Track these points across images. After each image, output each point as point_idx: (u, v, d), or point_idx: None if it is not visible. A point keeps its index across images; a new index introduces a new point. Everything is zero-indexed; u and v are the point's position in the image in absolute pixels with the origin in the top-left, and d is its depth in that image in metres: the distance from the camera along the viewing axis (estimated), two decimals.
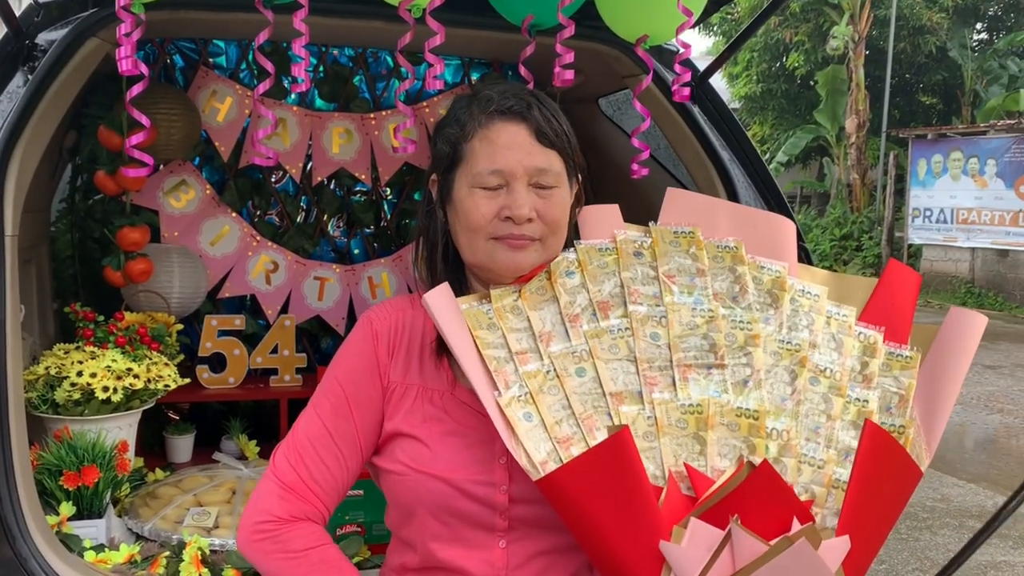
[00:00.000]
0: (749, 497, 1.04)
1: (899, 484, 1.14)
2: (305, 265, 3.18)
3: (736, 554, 1.00)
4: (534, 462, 1.07)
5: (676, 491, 1.07)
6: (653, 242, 1.28)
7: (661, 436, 1.11)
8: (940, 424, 1.18)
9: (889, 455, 1.12)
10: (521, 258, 1.19)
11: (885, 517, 1.12)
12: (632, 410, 1.12)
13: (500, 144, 1.16)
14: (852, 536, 1.06)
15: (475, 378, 1.12)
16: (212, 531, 2.14)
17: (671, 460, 1.10)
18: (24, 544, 1.74)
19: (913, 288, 1.30)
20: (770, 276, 1.26)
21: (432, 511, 1.18)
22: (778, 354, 1.19)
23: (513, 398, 1.11)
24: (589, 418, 1.11)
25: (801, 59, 17.30)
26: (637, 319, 1.19)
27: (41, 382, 2.10)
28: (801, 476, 1.12)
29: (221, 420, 2.92)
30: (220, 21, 2.44)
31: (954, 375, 1.20)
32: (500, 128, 1.17)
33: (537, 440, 1.08)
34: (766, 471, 1.06)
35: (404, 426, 1.21)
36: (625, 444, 1.06)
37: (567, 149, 1.20)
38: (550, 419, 1.10)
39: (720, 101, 2.47)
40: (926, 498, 5.30)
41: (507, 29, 2.06)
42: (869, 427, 1.13)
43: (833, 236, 16.19)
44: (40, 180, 2.62)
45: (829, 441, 1.15)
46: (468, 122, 1.19)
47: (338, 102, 3.20)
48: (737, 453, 1.11)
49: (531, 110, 1.17)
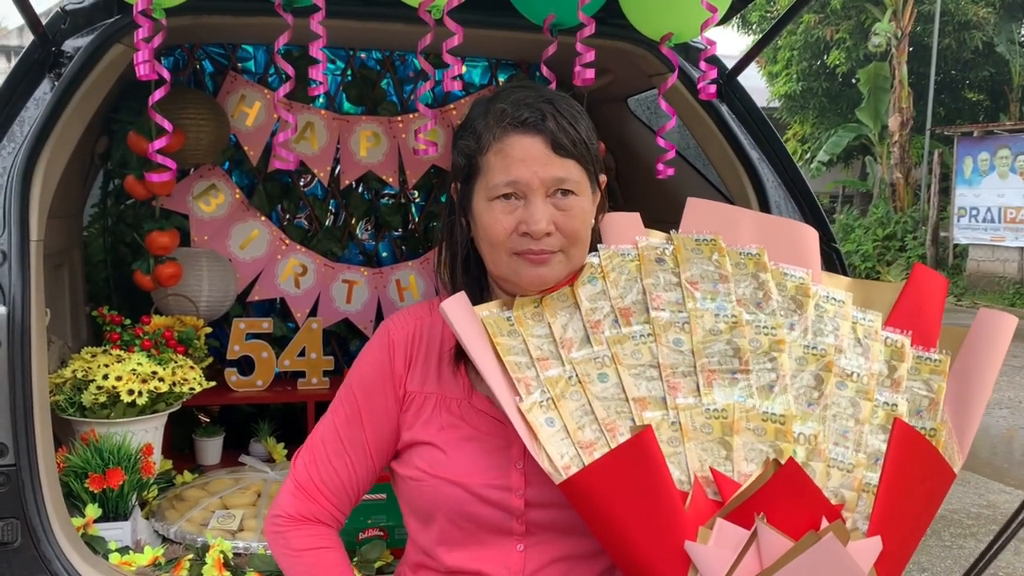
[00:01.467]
0: (775, 496, 1.03)
1: (931, 485, 1.11)
2: (333, 268, 3.19)
3: (763, 552, 0.99)
4: (556, 466, 1.06)
5: (702, 495, 1.06)
6: (675, 249, 1.27)
7: (686, 441, 1.09)
8: (972, 426, 1.15)
9: (920, 455, 1.10)
10: (545, 272, 1.17)
11: (918, 519, 1.10)
12: (656, 415, 1.11)
13: (515, 157, 1.14)
14: (884, 537, 1.04)
15: (495, 384, 1.12)
16: (237, 534, 2.15)
17: (697, 465, 1.09)
18: (48, 545, 1.76)
19: (940, 291, 1.29)
20: (794, 282, 1.25)
21: (449, 516, 1.18)
22: (803, 359, 1.18)
23: (535, 403, 1.11)
24: (612, 423, 1.10)
25: (842, 57, 17.02)
26: (660, 325, 1.18)
27: (68, 385, 2.13)
28: (830, 480, 1.10)
29: (250, 423, 2.94)
30: (244, 25, 2.45)
31: (985, 377, 1.18)
32: (514, 141, 1.14)
33: (559, 445, 1.08)
34: (792, 469, 1.04)
35: (422, 434, 1.22)
36: (648, 444, 1.05)
37: (586, 156, 1.17)
38: (572, 424, 1.10)
39: (749, 99, 2.42)
40: (971, 504, 5.16)
41: (533, 29, 2.04)
42: (899, 427, 1.11)
43: (876, 236, 15.90)
44: (71, 185, 2.67)
45: (858, 445, 1.13)
46: (483, 134, 1.17)
47: (366, 105, 3.20)
48: (764, 458, 1.09)
49: (545, 121, 1.14)
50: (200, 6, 2.05)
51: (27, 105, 1.96)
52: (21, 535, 1.74)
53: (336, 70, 3.23)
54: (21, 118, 1.94)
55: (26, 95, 1.97)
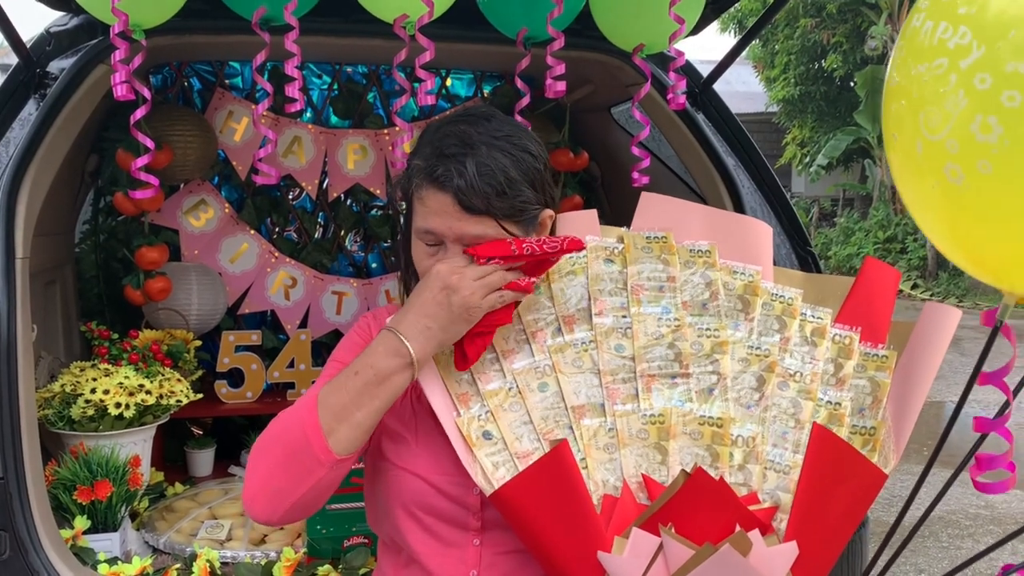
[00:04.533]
0: (690, 505, 1.05)
1: (852, 487, 1.12)
2: (323, 280, 3.22)
3: (669, 561, 1.01)
4: (489, 479, 1.09)
5: (630, 501, 1.08)
6: (625, 248, 1.28)
7: (622, 448, 1.11)
8: (909, 423, 1.16)
9: (839, 458, 1.11)
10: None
11: (840, 522, 1.11)
12: (594, 423, 1.13)
13: (431, 209, 1.14)
14: (802, 542, 1.05)
15: (435, 399, 1.14)
16: (225, 543, 2.18)
17: (632, 471, 1.11)
18: (36, 556, 1.79)
19: (892, 285, 1.28)
20: (742, 281, 1.25)
21: (407, 507, 1.21)
22: (746, 360, 1.19)
23: (473, 418, 1.13)
24: (550, 432, 1.12)
25: (839, 60, 17.04)
26: (602, 332, 1.19)
27: (58, 399, 2.16)
28: (766, 483, 1.12)
29: (242, 434, 2.98)
30: (227, 44, 2.49)
31: (926, 371, 1.17)
32: (429, 194, 1.13)
33: (495, 457, 1.10)
34: (700, 478, 1.06)
35: (390, 422, 1.25)
36: (564, 457, 1.07)
37: (504, 208, 1.12)
38: (510, 436, 1.12)
39: (724, 107, 2.45)
40: (969, 505, 5.16)
41: (514, 42, 2.08)
42: (816, 430, 1.13)
43: (876, 239, 15.89)
44: (62, 203, 2.71)
45: (797, 446, 1.14)
46: (414, 176, 1.17)
47: (352, 119, 3.25)
48: (699, 462, 1.10)
49: (455, 179, 1.10)
50: (181, 26, 2.09)
51: (12, 126, 2.01)
52: (9, 547, 1.77)
53: (323, 84, 3.27)
54: (7, 139, 1.98)
55: (11, 116, 2.02)
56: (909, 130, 1.07)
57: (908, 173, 1.13)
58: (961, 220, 1.08)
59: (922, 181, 1.09)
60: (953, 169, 1.02)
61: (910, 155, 1.09)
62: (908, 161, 1.11)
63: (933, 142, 1.04)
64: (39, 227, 2.08)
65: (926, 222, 1.17)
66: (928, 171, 1.06)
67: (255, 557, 2.09)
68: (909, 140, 1.08)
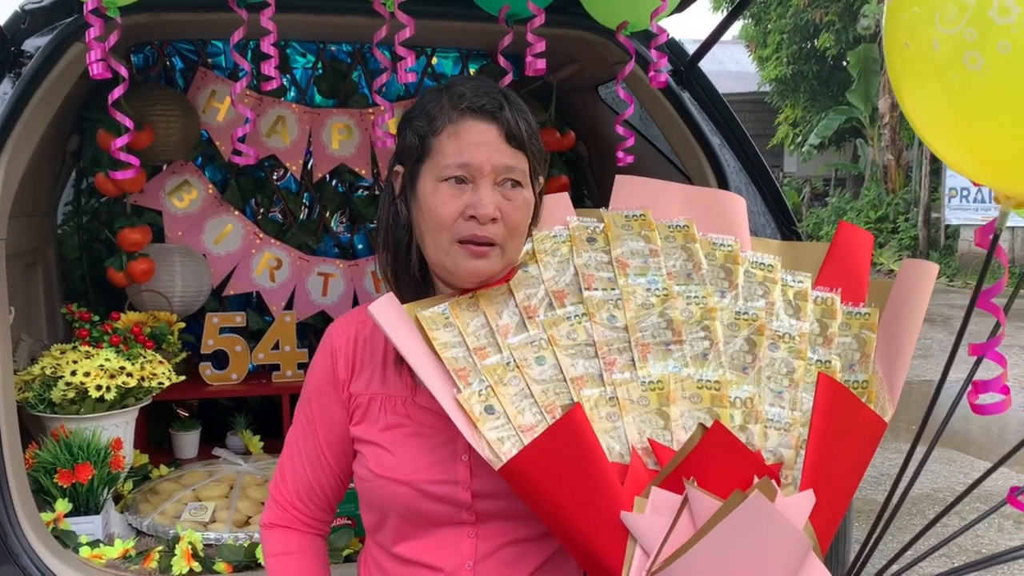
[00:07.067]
0: (706, 460, 1.05)
1: (859, 434, 1.14)
2: (309, 261, 3.21)
3: (695, 515, 1.01)
4: (496, 452, 1.07)
5: (640, 466, 1.08)
6: (605, 227, 1.29)
7: (624, 415, 1.11)
8: (901, 374, 1.18)
9: (845, 406, 1.13)
10: (483, 265, 1.18)
11: (850, 469, 1.13)
12: (594, 392, 1.13)
13: (469, 140, 1.15)
14: (817, 490, 1.06)
15: (430, 380, 1.12)
16: (208, 525, 2.18)
17: (636, 438, 1.11)
18: (16, 540, 1.79)
19: (866, 248, 1.31)
20: (723, 251, 1.28)
21: (400, 513, 1.21)
22: (735, 325, 1.21)
23: (473, 393, 1.12)
24: (551, 404, 1.12)
25: (832, 39, 16.96)
26: (593, 304, 1.20)
27: (38, 382, 2.15)
28: (768, 441, 1.13)
29: (228, 416, 2.97)
30: (206, 21, 2.46)
31: (911, 324, 1.21)
32: (470, 125, 1.15)
33: (499, 431, 1.09)
34: (718, 431, 1.06)
35: (368, 435, 1.24)
36: (579, 421, 1.06)
37: (534, 151, 1.20)
38: (512, 409, 1.11)
39: (710, 85, 2.43)
40: (956, 483, 5.19)
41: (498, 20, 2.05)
42: (822, 381, 1.14)
43: (869, 219, 15.91)
44: (43, 184, 2.68)
45: (793, 404, 1.15)
46: (438, 116, 1.17)
47: (337, 98, 3.21)
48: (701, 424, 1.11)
49: (502, 110, 1.16)
50: (157, 4, 2.06)
51: None
52: None
53: (307, 63, 3.24)
54: None
55: None
56: (924, 31, 1.11)
57: (922, 76, 1.16)
58: (978, 110, 1.11)
59: (940, 77, 1.12)
60: (972, 56, 1.06)
61: (925, 57, 1.12)
62: (922, 64, 1.14)
63: (950, 35, 1.08)
64: (19, 208, 2.05)
65: (933, 126, 1.20)
66: (947, 65, 1.10)
67: (238, 539, 2.08)
68: (924, 41, 1.11)
